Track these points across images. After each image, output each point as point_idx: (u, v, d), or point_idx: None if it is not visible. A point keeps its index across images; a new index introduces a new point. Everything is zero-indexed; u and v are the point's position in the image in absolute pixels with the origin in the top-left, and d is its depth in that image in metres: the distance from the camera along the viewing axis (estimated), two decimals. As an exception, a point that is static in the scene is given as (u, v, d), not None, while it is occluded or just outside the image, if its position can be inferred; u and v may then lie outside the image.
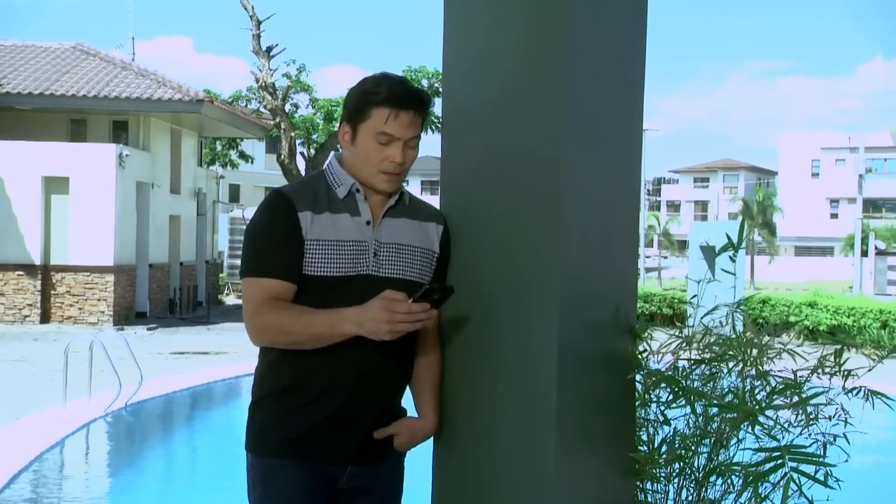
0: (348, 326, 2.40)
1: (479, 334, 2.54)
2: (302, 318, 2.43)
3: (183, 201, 25.89)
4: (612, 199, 2.49)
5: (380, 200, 2.57)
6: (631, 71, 2.56)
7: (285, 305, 2.46)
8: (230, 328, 21.55)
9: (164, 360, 15.57)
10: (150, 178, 23.24)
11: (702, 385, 2.43)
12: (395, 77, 2.55)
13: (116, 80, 23.06)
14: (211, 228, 28.57)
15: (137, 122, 23.54)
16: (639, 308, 2.63)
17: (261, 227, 2.51)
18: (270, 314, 2.44)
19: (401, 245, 2.56)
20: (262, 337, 2.50)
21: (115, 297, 21.32)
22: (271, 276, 2.46)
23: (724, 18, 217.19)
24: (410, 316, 2.35)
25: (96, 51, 25.30)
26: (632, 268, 2.57)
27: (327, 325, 2.42)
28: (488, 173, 2.55)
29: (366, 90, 2.51)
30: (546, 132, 2.39)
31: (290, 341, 2.46)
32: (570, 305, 2.37)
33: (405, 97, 2.50)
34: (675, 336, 2.49)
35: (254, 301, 2.47)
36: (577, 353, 2.39)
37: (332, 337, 2.43)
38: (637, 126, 2.60)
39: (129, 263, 22.13)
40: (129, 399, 10.70)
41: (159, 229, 23.99)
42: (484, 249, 2.56)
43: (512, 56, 2.50)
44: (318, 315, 2.43)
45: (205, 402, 12.33)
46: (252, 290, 2.48)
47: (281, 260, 2.46)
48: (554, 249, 2.36)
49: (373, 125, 2.50)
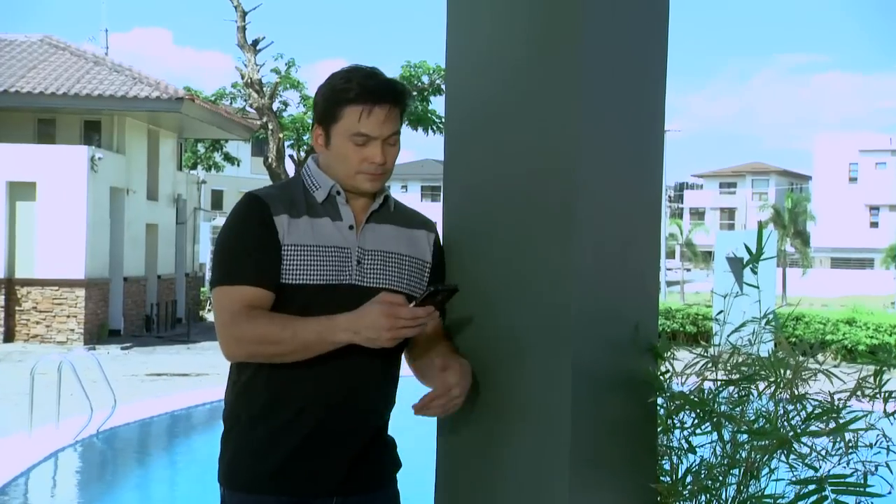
0: (342, 335, 2.37)
1: (485, 355, 2.54)
2: (289, 326, 2.40)
3: (161, 209, 25.92)
4: (631, 205, 2.50)
5: (363, 204, 2.57)
6: (651, 67, 2.57)
7: (266, 313, 2.43)
8: (212, 347, 21.51)
9: (139, 382, 15.55)
10: (124, 184, 23.27)
11: (730, 409, 2.43)
12: (364, 69, 2.53)
13: (88, 77, 23.11)
14: (192, 238, 28.59)
15: (111, 122, 23.58)
16: (660, 325, 2.63)
17: (232, 231, 2.49)
18: (249, 323, 2.40)
19: (387, 253, 2.55)
20: (240, 348, 2.45)
21: (86, 314, 21.32)
22: (245, 283, 2.43)
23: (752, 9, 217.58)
24: (413, 321, 2.34)
25: (66, 44, 25.37)
26: (653, 281, 2.58)
27: (317, 333, 2.38)
28: (496, 178, 2.56)
29: (334, 87, 2.50)
30: (559, 133, 2.40)
31: (273, 352, 2.42)
32: (585, 323, 2.37)
33: (377, 91, 2.48)
34: (700, 355, 2.49)
35: (228, 310, 2.42)
36: (594, 374, 2.39)
37: (322, 346, 2.39)
38: (658, 126, 2.60)
39: (102, 277, 22.14)
40: (101, 425, 10.70)
41: (135, 239, 24.00)
42: (491, 261, 2.56)
43: (522, 51, 2.51)
44: (307, 322, 2.39)
45: (184, 428, 12.31)
46: (225, 299, 2.44)
47: (256, 266, 2.44)
48: (567, 261, 2.37)
49: (346, 126, 2.48)
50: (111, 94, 22.33)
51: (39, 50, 24.69)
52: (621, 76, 2.48)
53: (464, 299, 2.57)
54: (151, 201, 25.25)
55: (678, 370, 2.49)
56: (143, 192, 24.58)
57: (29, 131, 23.44)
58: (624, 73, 2.49)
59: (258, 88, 30.67)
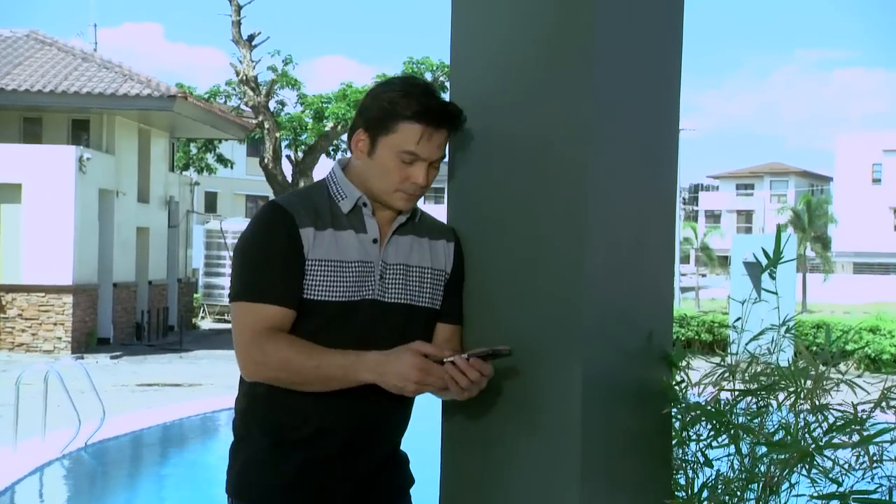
0: (366, 375, 2.38)
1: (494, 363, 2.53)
2: (314, 356, 2.41)
3: (152, 211, 25.95)
4: (644, 207, 2.50)
5: (389, 216, 2.56)
6: (665, 62, 2.57)
7: (291, 339, 2.44)
8: (206, 356, 21.55)
9: (129, 393, 15.56)
10: (114, 185, 23.31)
11: (748, 421, 2.43)
12: (424, 86, 2.52)
13: (76, 73, 23.16)
14: (184, 242, 28.62)
15: (100, 120, 23.62)
16: (674, 333, 2.64)
17: (257, 243, 2.49)
18: (274, 346, 2.41)
19: (408, 266, 2.56)
20: (260, 372, 2.46)
21: (73, 322, 21.34)
22: (269, 302, 2.44)
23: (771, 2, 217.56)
24: (442, 380, 2.35)
25: (53, 39, 25.43)
26: (667, 286, 2.57)
27: (342, 369, 2.39)
28: (503, 179, 2.56)
29: (392, 99, 2.47)
30: (569, 132, 2.40)
31: (293, 381, 2.44)
32: (596, 330, 2.37)
33: (440, 115, 2.48)
34: (717, 365, 2.48)
35: (251, 329, 2.43)
36: (605, 384, 2.39)
37: (343, 383, 2.41)
38: (672, 125, 2.60)
39: (90, 283, 22.16)
40: (89, 438, 10.70)
41: (125, 243, 24.03)
42: (497, 265, 2.56)
43: (531, 46, 2.51)
44: (333, 356, 2.40)
45: (177, 441, 12.31)
46: (247, 317, 2.45)
47: (280, 283, 2.44)
48: (578, 265, 2.37)
49: (399, 142, 2.47)
50: (100, 92, 22.37)
51: (25, 45, 24.74)
52: (634, 72, 2.48)
53: (469, 305, 2.57)
54: (142, 204, 25.28)
55: (694, 380, 2.48)
56: (133, 194, 24.61)
57: (14, 130, 23.48)
58: (637, 70, 2.49)
59: (254, 86, 30.72)
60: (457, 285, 2.62)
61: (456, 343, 2.60)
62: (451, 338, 2.60)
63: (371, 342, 2.43)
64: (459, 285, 2.63)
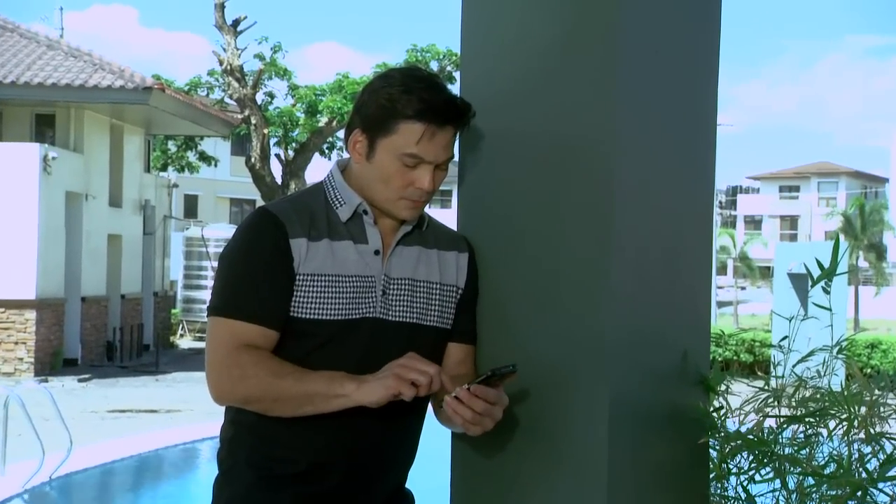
0: (348, 384, 2.36)
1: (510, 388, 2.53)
2: (296, 371, 2.41)
3: (125, 217, 26.00)
4: (678, 212, 2.51)
5: (392, 225, 2.55)
6: (701, 49, 2.58)
7: (270, 354, 2.44)
8: (185, 379, 21.55)
9: (99, 420, 15.56)
10: (82, 188, 23.36)
11: (795, 451, 2.43)
12: (425, 77, 2.50)
13: (40, 63, 23.22)
14: (161, 251, 28.67)
15: (67, 115, 23.68)
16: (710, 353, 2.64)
17: (240, 254, 2.49)
18: (251, 359, 2.41)
19: (415, 281, 2.55)
20: (236, 390, 2.44)
21: (37, 340, 21.36)
22: (248, 320, 2.44)
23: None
24: (424, 375, 2.33)
25: (14, 24, 25.50)
26: (704, 301, 2.58)
27: (325, 381, 2.38)
28: (519, 182, 2.56)
29: (391, 95, 2.45)
30: (594, 128, 2.41)
31: (271, 396, 2.41)
32: (624, 349, 2.38)
33: (444, 112, 2.46)
34: (760, 389, 2.49)
35: (226, 345, 2.44)
36: (634, 410, 2.39)
37: (327, 400, 2.39)
38: (709, 120, 2.61)
39: (56, 296, 22.20)
40: (54, 471, 10.70)
41: (95, 252, 24.08)
42: (513, 276, 2.57)
43: (550, 33, 2.52)
44: (316, 372, 2.41)
45: (153, 474, 12.32)
46: (220, 333, 2.46)
47: (262, 299, 2.44)
48: (603, 278, 2.37)
49: (399, 143, 2.45)
50: (67, 83, 22.42)
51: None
52: (665, 61, 2.49)
53: (482, 321, 2.58)
54: (114, 208, 25.33)
55: (734, 406, 2.48)
56: (104, 198, 24.66)
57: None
58: (669, 58, 2.49)
59: (239, 77, 30.78)
60: (470, 302, 2.62)
61: (469, 365, 2.60)
62: (463, 360, 2.60)
63: (372, 367, 2.41)
64: (473, 302, 2.62)
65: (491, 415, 2.36)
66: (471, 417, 2.33)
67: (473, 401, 2.33)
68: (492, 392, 2.35)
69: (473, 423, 2.35)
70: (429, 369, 2.34)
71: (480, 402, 2.33)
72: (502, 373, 2.34)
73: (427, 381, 2.34)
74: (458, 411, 2.33)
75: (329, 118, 31.74)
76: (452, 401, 2.33)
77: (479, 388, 2.33)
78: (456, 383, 2.39)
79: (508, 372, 2.35)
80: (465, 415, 2.33)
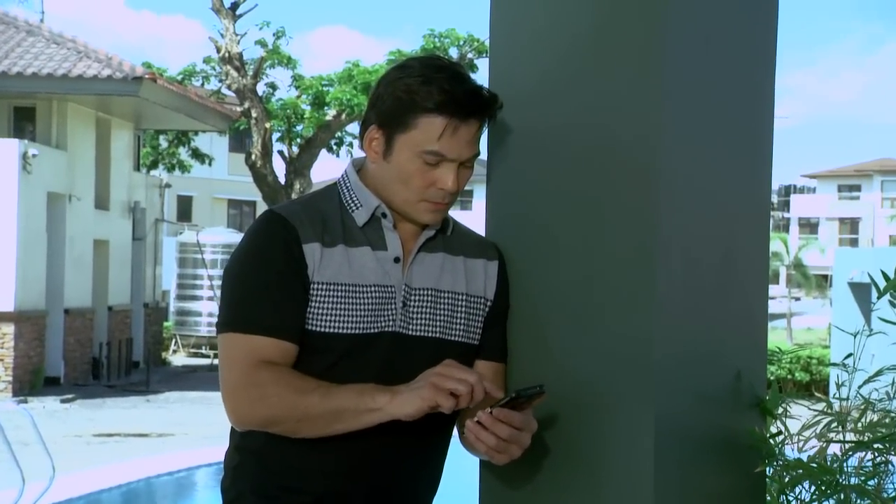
0: (380, 396, 2.36)
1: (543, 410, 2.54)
2: (322, 385, 2.40)
3: (113, 220, 26.08)
4: (731, 216, 2.51)
5: (414, 230, 2.56)
6: (757, 34, 2.58)
7: (291, 369, 2.45)
8: (179, 399, 21.60)
9: (84, 445, 15.60)
10: (66, 188, 23.43)
11: (862, 481, 2.42)
12: (447, 67, 2.50)
13: (19, 50, 23.32)
14: (152, 258, 28.75)
15: (49, 108, 23.76)
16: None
17: (249, 262, 2.51)
18: (271, 376, 2.41)
19: (438, 292, 2.56)
20: (256, 412, 2.44)
21: (15, 357, 21.43)
22: (264, 333, 2.44)
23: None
24: (465, 383, 2.31)
25: (-8, 9, 25.61)
26: (760, 314, 2.58)
27: (355, 395, 2.37)
28: (554, 180, 2.57)
29: (409, 87, 2.45)
30: (638, 123, 2.41)
31: (296, 417, 2.41)
32: (672, 367, 2.38)
33: (467, 104, 2.46)
34: (822, 412, 2.48)
35: (242, 363, 2.44)
36: (683, 435, 2.39)
37: (358, 415, 2.38)
38: (766, 113, 2.61)
39: (37, 308, 22.27)
40: (35, 501, 10.74)
41: (79, 260, 24.15)
42: (548, 285, 2.57)
43: (589, 15, 2.52)
44: (345, 385, 2.41)
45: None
46: (237, 351, 2.46)
47: (277, 310, 2.45)
48: (648, 288, 2.37)
49: (419, 139, 2.45)
50: (49, 73, 22.51)
51: (-43, 16, 24.94)
52: (718, 47, 2.49)
53: (514, 334, 2.58)
54: (101, 211, 25.39)
55: (792, 431, 2.48)
56: (89, 200, 24.73)
57: (-56, 121, 23.67)
58: (721, 44, 2.49)
59: (238, 65, 30.83)
60: (500, 315, 2.62)
61: (499, 385, 2.59)
62: (492, 379, 2.58)
63: (391, 385, 2.42)
64: (503, 315, 2.63)
65: (517, 441, 2.35)
66: (495, 444, 2.33)
67: (497, 426, 2.32)
68: (517, 416, 2.34)
69: (498, 451, 2.34)
70: (469, 377, 2.33)
71: (505, 428, 2.32)
72: (529, 394, 2.34)
73: (467, 390, 2.32)
74: (481, 437, 2.33)
75: (337, 111, 31.75)
76: (474, 426, 2.33)
77: (503, 411, 2.32)
78: (482, 406, 2.38)
79: (536, 393, 2.34)
80: (489, 441, 2.33)
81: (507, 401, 2.33)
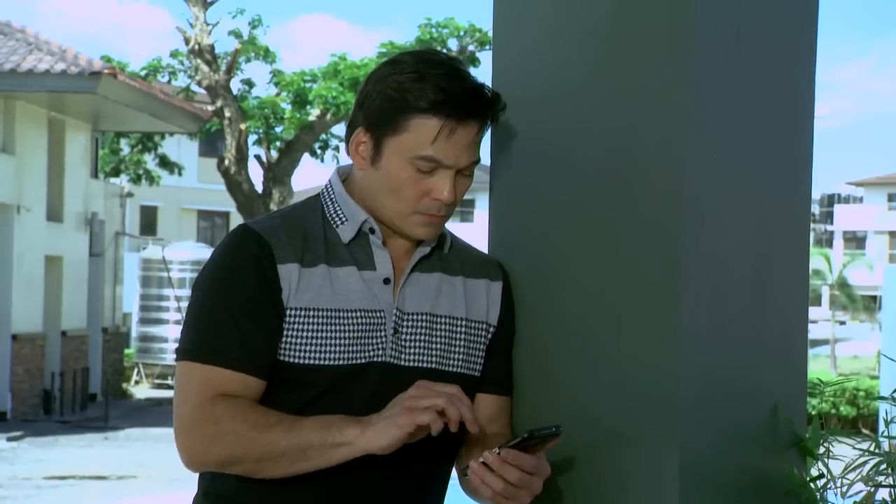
0: (351, 429, 2.35)
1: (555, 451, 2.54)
2: (284, 419, 2.40)
3: (67, 234, 26.09)
4: (766, 230, 2.52)
5: (406, 246, 2.56)
6: (795, 26, 2.59)
7: (251, 402, 2.44)
8: (141, 437, 21.58)
9: (34, 489, 15.58)
10: (13, 198, 23.45)
11: (915, 531, 2.43)
12: (443, 62, 2.50)
13: (-37, 42, 23.35)
14: (112, 277, 28.76)
15: (-5, 107, 23.81)
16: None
17: (217, 282, 2.51)
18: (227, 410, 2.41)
19: (434, 316, 2.56)
20: (210, 451, 2.44)
21: (-43, 388, 21.43)
22: (226, 365, 2.44)
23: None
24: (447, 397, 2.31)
25: (-68, -5, 25.67)
26: (799, 341, 2.58)
27: (322, 428, 2.37)
28: (565, 190, 2.57)
29: (400, 85, 2.45)
30: (660, 126, 2.42)
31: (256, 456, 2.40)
32: (698, 402, 2.38)
33: (465, 102, 2.45)
34: (868, 452, 2.48)
35: (196, 397, 2.44)
36: (712, 479, 2.39)
37: (325, 452, 2.37)
38: (805, 114, 2.62)
39: (-19, 334, 22.27)
40: (-20, 552, 10.73)
41: (28, 279, 24.15)
42: (558, 311, 2.57)
43: (604, 5, 2.53)
44: (310, 419, 2.41)
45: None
46: (191, 382, 2.46)
47: (245, 342, 2.45)
48: (673, 312, 2.38)
49: (410, 143, 2.45)
50: (-4, 68, 22.55)
51: None
52: (751, 40, 2.49)
53: (521, 364, 2.58)
54: (53, 223, 25.41)
55: (835, 473, 2.48)
56: (41, 210, 24.75)
57: None
58: (755, 36, 2.50)
59: (210, 59, 30.89)
60: (504, 342, 2.63)
61: (504, 422, 2.60)
62: (497, 415, 2.59)
63: None
64: (508, 342, 2.63)
65: (528, 486, 2.34)
66: (502, 489, 2.32)
67: (505, 468, 2.31)
68: (528, 459, 2.33)
69: (505, 497, 2.33)
70: (448, 388, 2.33)
71: (514, 471, 2.31)
72: (542, 435, 2.33)
73: (446, 401, 2.31)
74: (487, 481, 2.32)
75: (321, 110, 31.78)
76: (479, 468, 2.32)
77: (513, 453, 2.31)
78: (489, 445, 2.38)
79: (550, 434, 2.34)
80: (495, 486, 2.31)
81: (519, 441, 2.32)
